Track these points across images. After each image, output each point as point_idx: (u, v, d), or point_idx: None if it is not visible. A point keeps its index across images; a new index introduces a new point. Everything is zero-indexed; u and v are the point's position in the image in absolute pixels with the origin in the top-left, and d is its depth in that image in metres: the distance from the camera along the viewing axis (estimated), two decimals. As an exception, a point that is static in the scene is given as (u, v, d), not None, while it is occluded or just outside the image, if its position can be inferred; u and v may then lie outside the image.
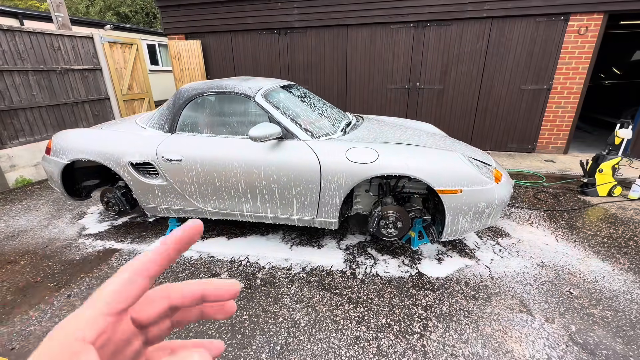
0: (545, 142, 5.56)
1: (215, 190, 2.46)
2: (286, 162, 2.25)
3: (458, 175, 2.12)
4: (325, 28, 5.88)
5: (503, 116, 5.55)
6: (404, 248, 2.74)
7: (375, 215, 2.34)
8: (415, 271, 2.43)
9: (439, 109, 5.81)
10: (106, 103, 5.70)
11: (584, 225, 3.08)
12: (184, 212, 2.65)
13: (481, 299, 2.12)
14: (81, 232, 3.11)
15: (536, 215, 3.31)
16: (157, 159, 2.47)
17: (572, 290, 2.19)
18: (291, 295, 2.19)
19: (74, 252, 2.76)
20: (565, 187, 4.07)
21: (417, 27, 5.45)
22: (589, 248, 2.70)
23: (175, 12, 6.39)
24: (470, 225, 2.25)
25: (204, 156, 2.38)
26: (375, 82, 5.96)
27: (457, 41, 5.36)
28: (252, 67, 6.52)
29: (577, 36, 4.92)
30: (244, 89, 2.45)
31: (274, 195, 2.37)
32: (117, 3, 16.11)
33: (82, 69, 5.22)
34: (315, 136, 2.37)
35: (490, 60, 5.32)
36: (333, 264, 2.54)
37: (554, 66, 5.10)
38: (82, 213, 3.53)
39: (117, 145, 2.55)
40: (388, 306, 2.07)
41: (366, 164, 2.14)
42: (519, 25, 5.05)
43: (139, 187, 2.60)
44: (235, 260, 2.60)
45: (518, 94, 5.37)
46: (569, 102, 5.25)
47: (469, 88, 5.55)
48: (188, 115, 2.54)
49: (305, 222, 2.47)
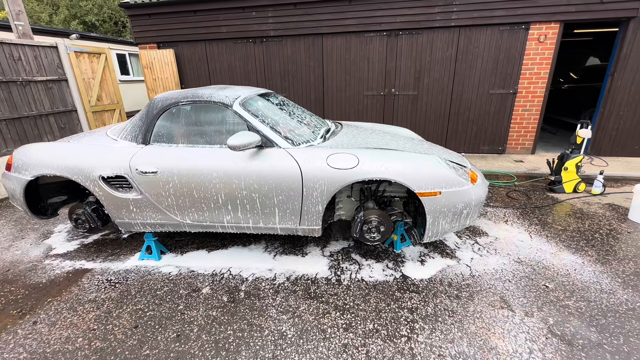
0: (514, 143, 5.85)
1: (194, 202, 2.38)
2: (267, 170, 2.22)
3: (436, 178, 2.17)
4: (301, 37, 5.93)
5: (474, 119, 5.79)
6: (388, 252, 2.77)
7: (358, 220, 2.35)
8: (399, 274, 2.45)
9: (414, 114, 5.98)
10: (73, 115, 5.43)
11: (554, 221, 3.24)
12: (161, 226, 2.54)
13: (464, 298, 2.16)
14: (47, 252, 2.91)
15: (510, 214, 3.45)
16: (130, 172, 2.36)
17: (547, 284, 2.29)
18: (276, 306, 2.14)
19: (40, 275, 2.57)
20: (535, 185, 4.28)
21: (390, 35, 5.62)
22: (560, 242, 2.83)
23: (146, 20, 6.23)
24: (450, 226, 2.31)
25: (181, 167, 2.31)
26: (352, 89, 6.06)
27: (428, 49, 5.57)
28: (228, 76, 6.45)
29: (537, 43, 5.24)
30: (221, 97, 2.41)
31: (255, 205, 2.32)
32: (84, 12, 15.51)
33: (45, 80, 4.95)
34: (296, 143, 2.36)
35: (460, 67, 5.56)
36: (318, 271, 2.51)
37: (518, 71, 5.40)
38: (48, 232, 3.30)
39: (86, 159, 2.42)
40: (375, 311, 2.06)
41: (347, 170, 2.16)
42: (484, 33, 5.32)
43: (111, 202, 2.47)
44: (217, 273, 2.52)
45: (487, 98, 5.63)
46: (533, 105, 5.57)
47: (441, 93, 5.76)
48: (163, 126, 2.46)
49: (288, 231, 2.44)
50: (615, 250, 2.69)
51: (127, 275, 2.52)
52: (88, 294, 2.31)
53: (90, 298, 2.27)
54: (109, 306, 2.18)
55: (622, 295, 2.15)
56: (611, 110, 5.30)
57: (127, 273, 2.55)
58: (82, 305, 2.19)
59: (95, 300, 2.25)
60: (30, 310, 2.17)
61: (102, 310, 2.14)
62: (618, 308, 2.04)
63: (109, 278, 2.50)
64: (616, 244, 2.79)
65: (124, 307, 2.16)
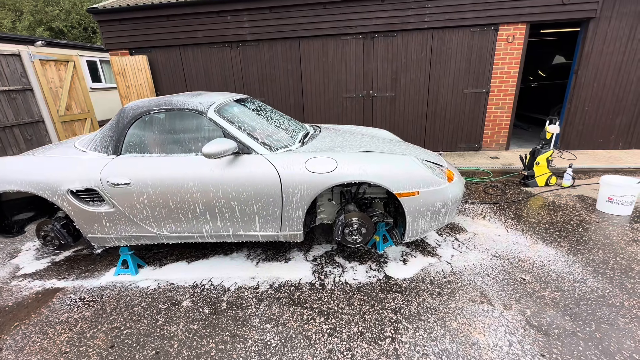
0: (489, 140, 6.04)
1: (171, 213, 2.31)
2: (245, 177, 2.19)
3: (414, 178, 2.21)
4: (278, 40, 5.91)
5: (451, 119, 5.94)
6: (371, 253, 2.78)
7: (339, 223, 2.35)
8: (382, 275, 2.46)
9: (393, 115, 6.07)
10: (40, 126, 5.17)
11: (528, 215, 3.36)
12: (137, 239, 2.45)
13: (445, 295, 2.20)
14: (14, 273, 2.74)
15: (487, 209, 3.55)
16: (101, 184, 2.26)
17: (524, 276, 2.36)
18: (260, 315, 2.10)
19: (6, 298, 2.41)
20: (510, 181, 4.43)
21: (366, 38, 5.69)
22: (535, 235, 2.94)
23: (116, 26, 6.04)
24: (430, 225, 2.35)
25: (155, 177, 2.23)
26: (331, 91, 6.09)
27: (404, 50, 5.68)
28: (205, 81, 6.34)
29: (506, 44, 5.45)
30: (194, 104, 2.36)
31: (235, 213, 2.28)
32: (50, 17, 14.87)
33: (8, 90, 4.70)
34: (273, 149, 2.33)
35: (435, 68, 5.70)
36: (301, 277, 2.49)
37: (490, 71, 5.59)
38: (14, 251, 3.11)
39: (52, 172, 2.30)
40: (359, 314, 2.06)
41: (326, 174, 2.15)
42: (457, 35, 5.48)
43: (82, 216, 2.36)
44: (198, 284, 2.45)
45: (462, 98, 5.79)
46: (505, 103, 5.77)
47: (418, 94, 5.88)
48: (135, 135, 2.37)
49: (270, 237, 2.41)
50: (585, 240, 2.81)
51: (102, 293, 2.41)
52: (59, 315, 2.19)
53: (62, 319, 2.15)
54: (83, 326, 2.07)
55: (593, 283, 2.25)
56: (577, 106, 5.57)
57: (102, 290, 2.44)
58: (52, 328, 2.07)
59: (67, 321, 2.13)
60: (-5, 336, 2.03)
61: (74, 331, 2.04)
62: (589, 296, 2.13)
63: (82, 297, 2.38)
64: (586, 234, 2.92)
65: (99, 327, 2.06)
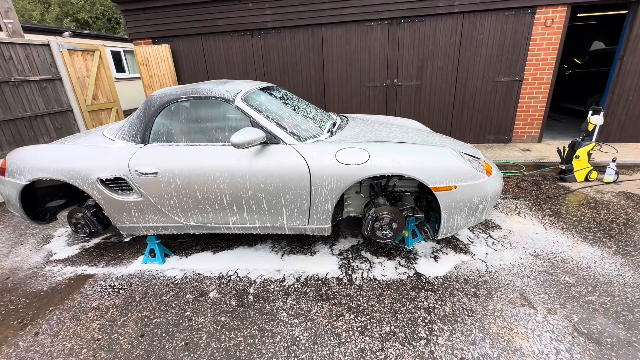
0: (521, 132, 5.73)
1: (198, 204, 2.28)
2: (273, 168, 2.12)
3: (451, 172, 2.07)
4: (300, 28, 5.76)
5: (479, 109, 5.65)
6: (399, 248, 2.68)
7: (369, 217, 2.25)
8: (412, 272, 2.36)
9: (418, 104, 5.84)
10: (69, 115, 5.30)
11: (568, 212, 3.14)
12: (164, 228, 2.45)
13: (482, 296, 2.08)
14: (48, 258, 2.82)
15: (522, 205, 3.35)
16: (130, 174, 2.26)
17: (568, 278, 2.20)
18: (287, 309, 2.06)
19: (41, 282, 2.48)
20: (545, 175, 4.18)
21: (392, 24, 5.45)
22: (577, 234, 2.74)
23: (140, 15, 6.05)
24: (466, 221, 2.21)
25: (182, 167, 2.20)
26: (353, 80, 5.91)
27: (431, 37, 5.41)
28: (226, 70, 6.30)
29: (544, 28, 5.08)
30: (221, 92, 2.29)
31: (262, 205, 2.22)
32: (76, 9, 15.21)
33: (39, 80, 4.81)
34: (302, 139, 2.25)
35: (464, 55, 5.40)
36: (328, 271, 2.42)
37: (524, 58, 5.25)
38: (48, 237, 3.21)
39: (83, 161, 2.31)
40: (390, 312, 1.98)
41: (358, 165, 2.05)
42: (489, 19, 5.16)
43: (111, 205, 2.37)
44: (224, 275, 2.43)
45: (492, 87, 5.49)
46: (540, 92, 5.43)
47: (445, 82, 5.61)
48: (162, 124, 2.34)
49: (297, 230, 2.34)
50: (634, 241, 2.60)
51: (131, 281, 2.43)
52: (91, 302, 2.23)
53: (94, 305, 2.18)
54: (113, 314, 2.10)
55: (647, 289, 2.07)
56: (620, 95, 5.16)
57: (131, 278, 2.47)
58: (85, 314, 2.11)
59: (98, 307, 2.16)
60: (31, 320, 2.09)
61: (106, 318, 2.06)
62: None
63: (112, 284, 2.41)
64: (635, 234, 2.70)
65: (129, 315, 2.08)
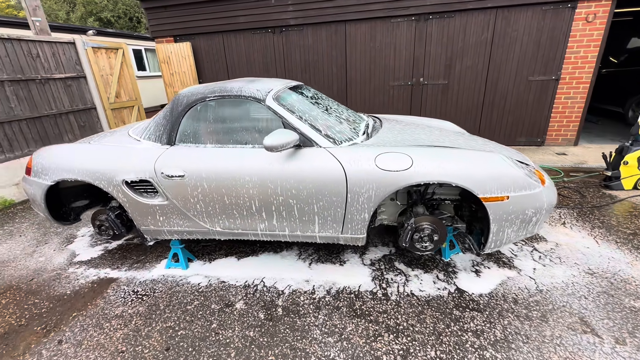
0: (555, 134, 5.39)
1: (225, 209, 2.16)
2: (306, 173, 1.97)
3: (503, 180, 1.87)
4: (323, 25, 5.60)
5: (511, 109, 5.36)
6: (435, 260, 2.49)
7: (409, 227, 2.08)
8: (453, 287, 2.17)
9: (444, 104, 5.59)
10: (92, 113, 5.32)
11: (619, 223, 2.87)
12: (189, 233, 2.34)
13: (536, 319, 1.87)
14: (71, 259, 2.77)
15: (566, 214, 3.10)
16: (155, 176, 2.16)
17: (633, 302, 1.96)
18: (320, 325, 1.91)
19: (64, 285, 2.43)
20: (587, 182, 3.88)
21: (419, 20, 5.22)
22: (634, 250, 2.48)
23: (162, 13, 6.03)
24: (516, 235, 2.01)
25: (210, 170, 2.08)
26: (377, 79, 5.71)
27: (461, 33, 5.15)
28: (246, 68, 6.21)
29: (585, 24, 4.74)
30: (252, 91, 2.16)
31: (293, 212, 2.08)
32: (99, 8, 15.54)
33: (64, 77, 4.84)
34: (337, 142, 2.09)
35: (496, 52, 5.12)
36: (360, 283, 2.27)
37: (562, 55, 4.92)
38: (71, 236, 3.18)
39: (108, 162, 2.23)
40: (434, 334, 1.80)
41: (400, 172, 1.88)
42: (524, 14, 4.86)
43: (135, 208, 2.28)
44: (250, 284, 2.31)
45: (526, 86, 5.18)
46: (578, 92, 5.09)
47: (474, 82, 5.34)
48: (189, 124, 2.23)
49: (329, 240, 2.19)
50: None
51: (154, 287, 2.34)
52: (114, 308, 2.14)
53: (117, 313, 2.10)
54: (137, 323, 2.00)
55: None
56: (669, 96, 4.76)
57: (154, 284, 2.38)
58: (108, 322, 2.03)
59: (122, 315, 2.07)
60: (54, 326, 2.02)
61: (130, 327, 1.97)
62: None
63: (135, 289, 2.33)
64: (703, 251, 2.42)
65: (153, 325, 1.98)
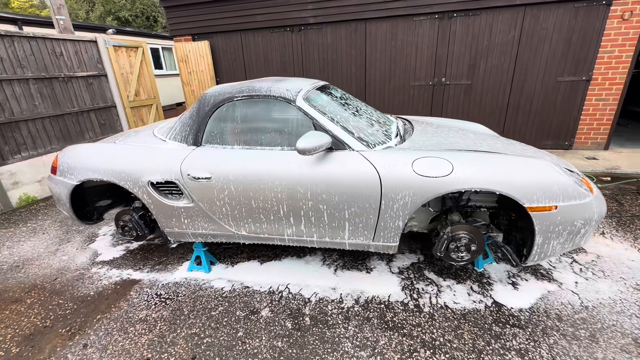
0: (584, 137, 5.16)
1: (252, 213, 2.09)
2: (338, 177, 1.88)
3: (551, 189, 1.74)
4: (342, 23, 5.50)
5: (537, 111, 5.14)
6: (467, 270, 2.37)
7: (444, 236, 1.97)
8: (490, 301, 2.05)
9: (467, 105, 5.41)
10: (112, 111, 5.36)
11: (664, 235, 2.69)
12: (214, 237, 2.29)
13: (584, 339, 1.74)
14: (94, 259, 2.76)
15: (604, 223, 2.92)
16: (181, 177, 2.10)
17: (692, 323, 1.81)
18: (350, 338, 1.82)
19: (87, 286, 2.40)
20: (623, 188, 3.67)
21: (442, 18, 5.06)
22: (686, 264, 2.31)
23: (181, 11, 6.04)
24: (562, 247, 1.88)
25: (238, 172, 2.02)
26: (397, 78, 5.57)
27: (487, 32, 4.96)
28: (264, 67, 6.16)
29: (620, 22, 4.50)
30: (281, 91, 2.08)
31: (322, 218, 2.00)
32: (117, 7, 15.81)
33: (86, 76, 4.88)
34: (370, 145, 1.99)
35: (523, 52, 4.92)
36: (390, 292, 2.17)
37: (594, 55, 4.69)
38: (93, 235, 3.18)
39: (134, 162, 2.19)
40: (474, 351, 1.69)
41: (439, 178, 1.77)
42: (555, 12, 4.65)
43: (160, 209, 2.24)
44: (275, 291, 2.24)
45: (554, 87, 4.96)
46: (610, 93, 4.84)
47: (499, 82, 5.15)
48: (216, 125, 2.17)
49: (359, 247, 2.10)
50: None
51: (178, 290, 2.30)
52: (138, 312, 2.10)
53: (141, 317, 2.06)
54: (162, 328, 1.95)
55: None
56: None
57: (177, 287, 2.33)
58: (133, 326, 1.98)
59: (146, 319, 2.03)
60: (79, 329, 1.99)
61: (154, 333, 1.92)
62: None
63: (158, 292, 2.29)
64: None
65: (178, 331, 1.93)
